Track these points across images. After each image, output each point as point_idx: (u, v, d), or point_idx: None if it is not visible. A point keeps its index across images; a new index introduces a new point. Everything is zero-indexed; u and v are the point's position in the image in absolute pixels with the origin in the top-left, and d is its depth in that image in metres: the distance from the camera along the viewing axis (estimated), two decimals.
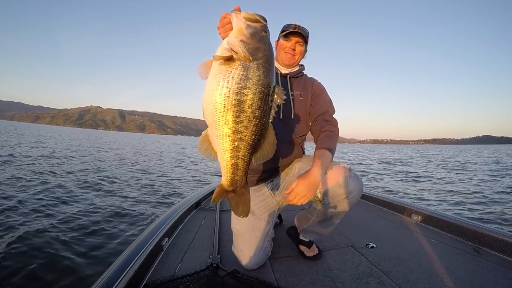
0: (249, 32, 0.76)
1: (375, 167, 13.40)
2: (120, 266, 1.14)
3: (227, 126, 0.79)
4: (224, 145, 0.83)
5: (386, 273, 1.38)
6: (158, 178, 7.48)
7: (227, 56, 0.76)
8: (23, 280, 2.05)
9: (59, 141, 20.57)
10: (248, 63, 0.76)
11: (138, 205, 4.47)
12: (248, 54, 0.75)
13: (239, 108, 0.77)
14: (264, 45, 0.78)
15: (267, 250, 1.41)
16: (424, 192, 6.77)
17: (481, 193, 6.53)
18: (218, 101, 0.77)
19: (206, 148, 0.88)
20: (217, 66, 0.78)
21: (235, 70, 0.75)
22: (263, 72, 0.77)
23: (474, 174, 10.66)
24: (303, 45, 1.42)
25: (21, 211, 3.52)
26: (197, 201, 2.46)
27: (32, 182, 5.33)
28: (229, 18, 0.81)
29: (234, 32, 0.77)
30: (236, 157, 0.85)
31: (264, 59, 0.78)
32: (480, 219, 4.28)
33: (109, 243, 2.84)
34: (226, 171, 0.89)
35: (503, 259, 1.56)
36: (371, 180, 9.29)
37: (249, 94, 0.76)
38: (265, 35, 0.79)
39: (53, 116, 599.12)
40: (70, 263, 2.32)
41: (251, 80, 0.76)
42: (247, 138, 0.81)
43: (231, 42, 0.76)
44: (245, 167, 0.88)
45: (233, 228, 1.44)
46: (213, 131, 0.83)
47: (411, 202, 2.58)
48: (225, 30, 0.83)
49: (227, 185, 0.93)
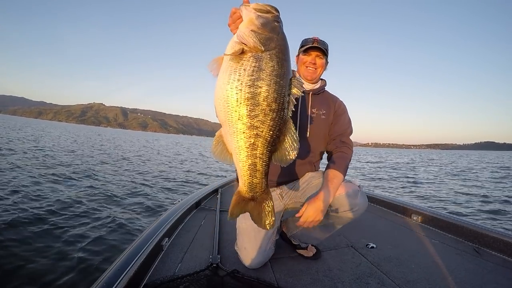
0: (260, 22, 0.72)
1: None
2: (120, 266, 1.14)
3: (241, 121, 0.73)
4: (239, 143, 0.75)
5: (386, 274, 1.38)
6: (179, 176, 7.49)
7: (237, 50, 0.71)
8: (23, 280, 2.05)
9: (72, 138, 20.48)
10: (260, 54, 0.71)
11: (138, 205, 4.47)
12: (259, 44, 0.70)
13: (253, 101, 0.71)
14: (277, 35, 0.73)
15: (270, 251, 1.41)
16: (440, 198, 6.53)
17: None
18: (230, 95, 0.72)
19: (221, 150, 0.81)
20: (227, 61, 0.74)
21: (247, 62, 0.71)
22: (277, 62, 0.72)
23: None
24: (323, 58, 1.41)
25: (20, 209, 3.53)
26: (197, 201, 2.46)
27: (32, 179, 5.33)
28: (239, 13, 0.77)
29: (244, 23, 0.73)
30: (253, 156, 0.76)
31: (278, 49, 0.73)
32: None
33: (109, 243, 2.84)
34: (243, 173, 0.80)
35: (503, 259, 1.56)
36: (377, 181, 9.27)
37: (263, 86, 0.71)
38: (278, 25, 0.75)
39: (55, 112, 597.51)
40: (70, 263, 2.32)
41: (265, 71, 0.71)
42: (264, 134, 0.74)
43: (241, 34, 0.72)
44: (264, 167, 0.79)
45: (238, 226, 1.43)
46: (227, 129, 0.76)
47: (411, 202, 2.58)
48: (236, 26, 0.79)
49: (245, 191, 0.83)
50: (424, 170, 14.67)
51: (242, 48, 0.71)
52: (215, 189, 3.00)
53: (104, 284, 1.01)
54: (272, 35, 0.72)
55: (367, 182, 8.96)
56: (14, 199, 4.01)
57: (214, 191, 2.96)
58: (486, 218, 4.39)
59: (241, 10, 0.75)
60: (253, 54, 0.71)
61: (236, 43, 0.73)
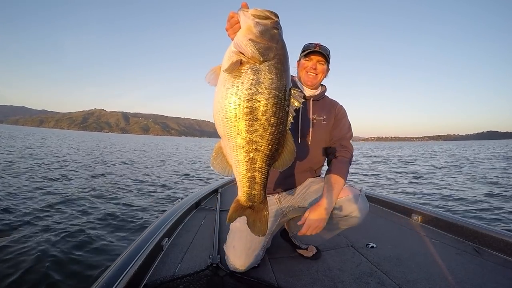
0: (259, 30, 0.70)
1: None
2: (120, 266, 1.14)
3: (240, 136, 0.73)
4: (239, 157, 0.76)
5: (386, 273, 1.38)
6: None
7: (235, 62, 0.70)
8: (23, 280, 2.05)
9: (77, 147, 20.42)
10: (258, 66, 0.70)
11: (138, 205, 4.47)
12: (258, 54, 0.69)
13: (252, 116, 0.71)
14: (276, 44, 0.72)
15: (259, 257, 1.35)
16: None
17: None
18: (229, 110, 0.71)
19: (221, 161, 0.82)
20: (225, 72, 0.72)
21: (245, 75, 0.70)
22: (276, 74, 0.71)
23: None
24: (324, 64, 1.38)
25: (22, 211, 3.53)
26: (197, 201, 2.46)
27: (33, 183, 5.33)
28: (237, 18, 0.75)
29: (242, 31, 0.71)
30: (252, 170, 0.78)
31: (277, 60, 0.72)
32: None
33: (109, 243, 2.84)
34: (242, 185, 0.82)
35: (503, 259, 1.56)
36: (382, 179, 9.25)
37: (262, 100, 0.70)
38: (277, 33, 0.72)
39: (57, 120, 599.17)
40: (70, 263, 2.32)
41: (263, 85, 0.70)
42: (263, 149, 0.75)
43: (238, 43, 0.71)
44: (263, 180, 0.81)
45: (232, 226, 1.41)
46: (226, 143, 0.77)
47: (411, 202, 2.58)
48: (234, 30, 0.76)
49: (244, 200, 0.85)
50: (423, 164, 14.57)
51: (240, 59, 0.70)
52: (215, 189, 3.00)
53: (104, 284, 1.01)
54: (271, 44, 0.71)
55: (366, 178, 8.93)
56: (13, 199, 4.02)
57: (214, 191, 2.96)
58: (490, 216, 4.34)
59: (239, 15, 0.73)
60: (251, 66, 0.70)
61: (233, 52, 0.71)
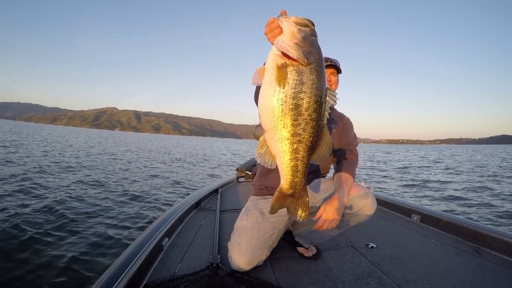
0: (301, 36, 0.78)
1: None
2: (120, 266, 1.14)
3: (286, 129, 0.83)
4: (284, 148, 0.86)
5: (386, 273, 1.38)
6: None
7: (281, 64, 0.79)
8: (23, 280, 2.05)
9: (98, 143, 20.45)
10: (301, 68, 0.79)
11: (138, 205, 4.47)
12: (303, 57, 0.77)
13: (297, 112, 0.81)
14: (315, 49, 0.80)
15: (263, 256, 1.37)
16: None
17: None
18: (276, 107, 0.81)
19: (265, 153, 0.91)
20: (271, 73, 0.81)
21: (290, 76, 0.79)
22: (316, 75, 0.81)
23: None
24: (336, 75, 1.52)
25: (21, 209, 3.53)
26: (197, 201, 2.46)
27: (34, 180, 5.33)
28: (277, 23, 0.82)
29: (287, 35, 0.79)
30: (295, 159, 0.88)
31: (316, 63, 0.80)
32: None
33: (109, 243, 2.84)
34: (286, 173, 0.91)
35: (503, 259, 1.56)
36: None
37: (305, 98, 0.80)
38: (315, 39, 0.81)
39: (70, 118, 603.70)
40: (70, 263, 2.32)
41: (306, 85, 0.80)
42: (305, 140, 0.85)
43: (285, 46, 0.78)
44: (304, 168, 0.90)
45: (238, 224, 1.42)
46: (272, 136, 0.87)
47: (411, 202, 2.58)
48: (273, 34, 0.84)
49: (286, 188, 0.94)
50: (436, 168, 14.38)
51: (285, 62, 0.79)
52: (215, 189, 3.00)
53: (104, 284, 1.01)
54: (311, 49, 0.79)
55: (372, 178, 8.94)
56: (12, 199, 4.02)
57: (214, 191, 2.96)
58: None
59: (280, 21, 0.81)
60: (294, 68, 0.79)
61: (277, 55, 0.80)
